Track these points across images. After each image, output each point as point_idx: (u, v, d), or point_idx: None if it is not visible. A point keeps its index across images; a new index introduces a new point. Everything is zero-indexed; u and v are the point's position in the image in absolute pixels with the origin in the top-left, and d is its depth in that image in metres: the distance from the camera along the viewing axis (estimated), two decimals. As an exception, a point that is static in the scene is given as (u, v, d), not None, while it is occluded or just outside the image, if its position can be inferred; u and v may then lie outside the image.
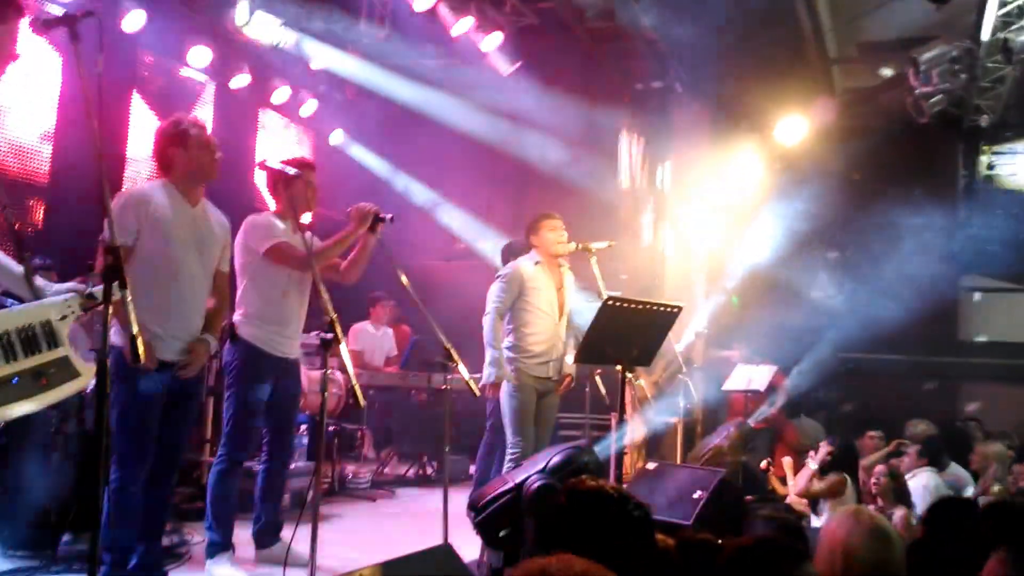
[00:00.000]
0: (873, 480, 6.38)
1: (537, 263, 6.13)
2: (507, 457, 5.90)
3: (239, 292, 5.06)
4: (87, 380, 2.89)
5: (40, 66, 7.27)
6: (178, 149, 4.41)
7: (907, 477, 6.75)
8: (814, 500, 7.03)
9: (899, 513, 5.76)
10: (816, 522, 6.61)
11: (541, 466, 4.41)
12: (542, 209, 6.50)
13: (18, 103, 7.19)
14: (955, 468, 7.34)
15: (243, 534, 5.19)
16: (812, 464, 7.13)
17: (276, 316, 5.04)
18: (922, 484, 6.67)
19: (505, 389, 6.01)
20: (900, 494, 6.09)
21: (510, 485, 4.35)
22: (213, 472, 5.01)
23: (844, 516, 2.95)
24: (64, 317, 2.91)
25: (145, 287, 4.11)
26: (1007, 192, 9.99)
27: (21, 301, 3.00)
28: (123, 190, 4.44)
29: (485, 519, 4.24)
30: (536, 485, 4.11)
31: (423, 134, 10.35)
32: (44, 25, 3.03)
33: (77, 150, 7.11)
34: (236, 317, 5.04)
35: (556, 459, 4.41)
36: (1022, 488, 6.70)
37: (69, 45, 2.94)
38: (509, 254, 6.80)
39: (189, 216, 4.41)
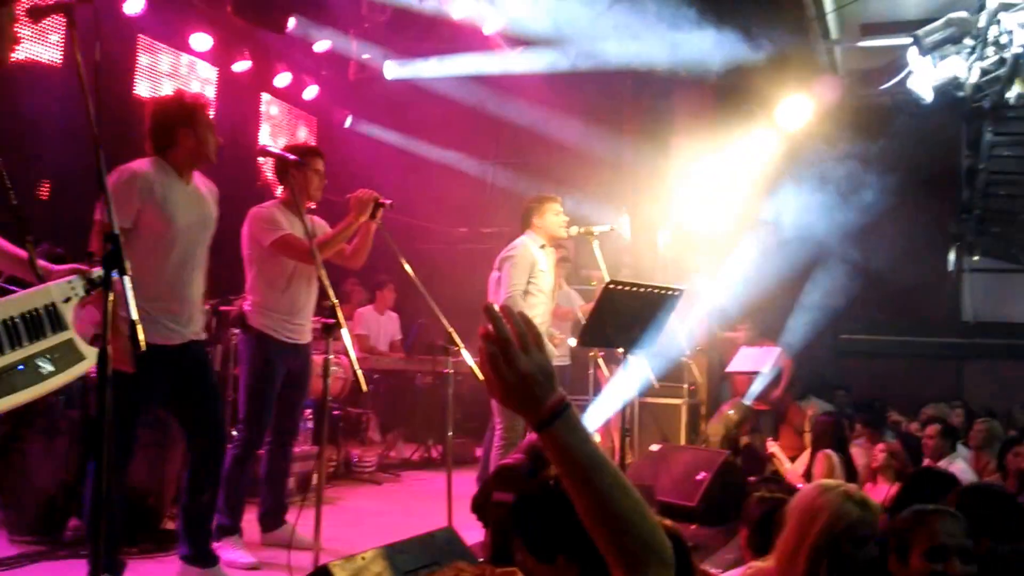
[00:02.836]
0: (872, 456, 6.40)
1: (542, 246, 6.09)
2: (496, 444, 5.86)
3: (248, 281, 5.09)
4: (92, 363, 2.88)
5: (41, 51, 7.27)
6: (185, 128, 4.27)
7: (942, 463, 6.74)
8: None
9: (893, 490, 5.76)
10: None
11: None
12: (545, 190, 6.49)
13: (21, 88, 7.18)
14: (962, 449, 7.35)
15: (248, 517, 5.22)
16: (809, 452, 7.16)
17: (285, 304, 5.06)
18: (960, 470, 6.65)
19: None
20: (900, 474, 6.10)
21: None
22: (229, 457, 5.03)
23: (812, 488, 2.96)
24: (68, 299, 2.90)
25: (147, 270, 4.07)
26: (1009, 173, 9.94)
27: (25, 287, 3.01)
28: (120, 167, 4.18)
29: (475, 502, 4.25)
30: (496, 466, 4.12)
31: (426, 115, 10.34)
32: (40, 12, 3.01)
33: (80, 137, 7.11)
34: (246, 306, 5.07)
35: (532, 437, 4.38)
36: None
37: (66, 31, 2.92)
38: None
39: (187, 194, 4.32)
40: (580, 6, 8.87)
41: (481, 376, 4.80)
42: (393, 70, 10.11)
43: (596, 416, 5.51)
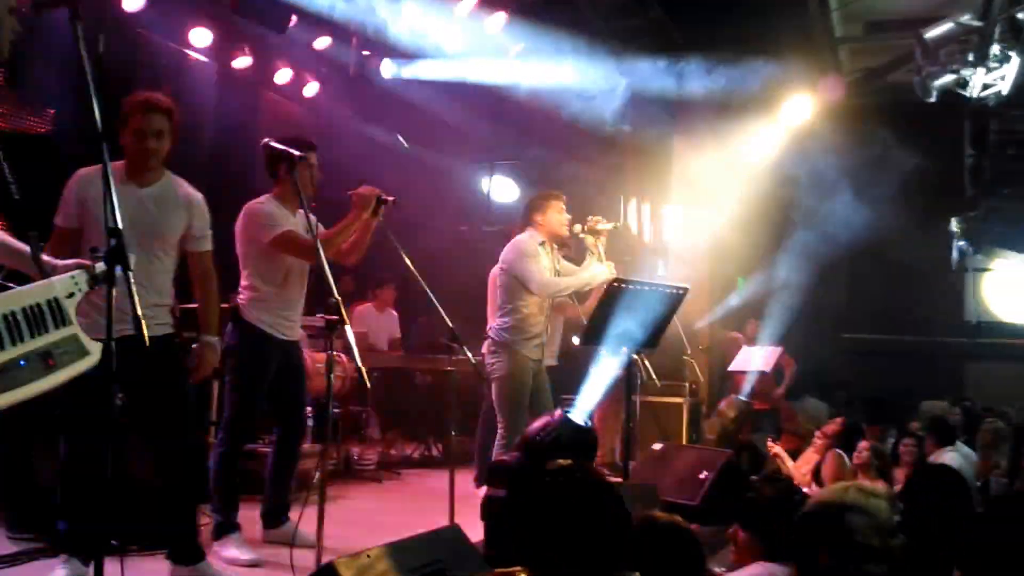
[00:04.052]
0: (856, 453, 6.37)
1: (541, 243, 6.07)
2: (497, 443, 5.86)
3: (242, 278, 5.06)
4: (97, 358, 2.85)
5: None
6: (122, 128, 4.22)
7: (930, 459, 6.72)
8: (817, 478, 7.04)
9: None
10: None
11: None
12: (545, 188, 6.47)
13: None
14: (962, 447, 7.34)
15: (250, 514, 5.20)
16: (813, 451, 7.12)
17: (280, 301, 5.04)
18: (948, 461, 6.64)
19: (500, 372, 5.96)
20: (883, 471, 6.04)
21: None
22: (215, 454, 5.01)
23: (828, 494, 2.92)
24: (71, 294, 2.88)
25: None
26: (1014, 171, 9.94)
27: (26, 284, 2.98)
28: (77, 171, 4.22)
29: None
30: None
31: (428, 112, 10.30)
32: (44, 5, 2.99)
33: (81, 131, 7.07)
34: (240, 300, 5.04)
35: (529, 434, 4.35)
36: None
37: (70, 24, 2.89)
38: None
39: (134, 199, 4.15)
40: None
41: (484, 374, 4.79)
42: (390, 69, 10.04)
43: (581, 407, 5.47)
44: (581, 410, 5.25)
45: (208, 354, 4.43)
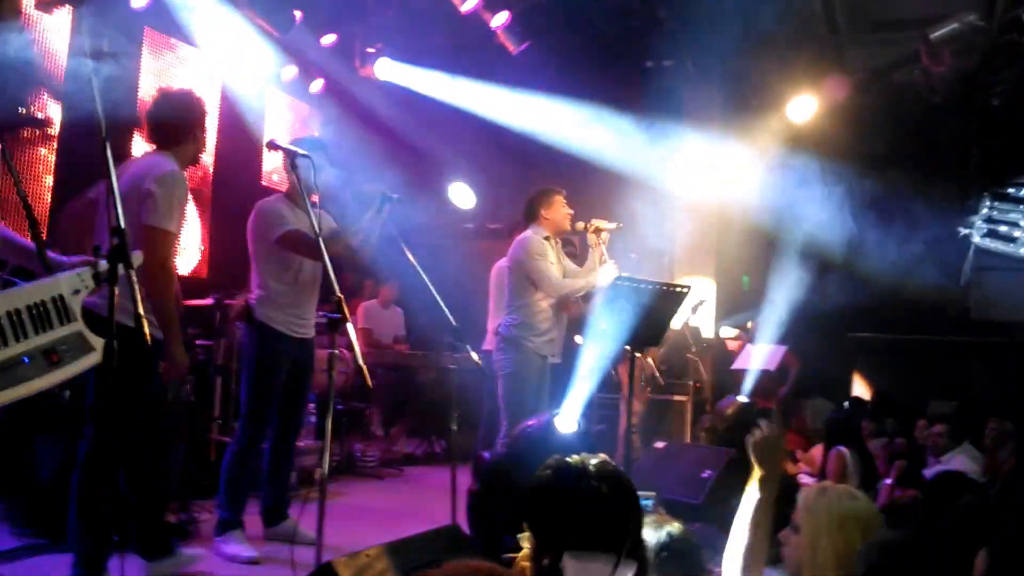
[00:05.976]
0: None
1: (546, 238, 6.07)
2: (499, 439, 5.87)
3: (253, 276, 5.08)
4: (100, 355, 2.85)
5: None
6: (200, 131, 4.36)
7: (943, 459, 6.71)
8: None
9: None
10: None
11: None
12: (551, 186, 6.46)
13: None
14: (967, 446, 7.32)
15: (251, 511, 5.21)
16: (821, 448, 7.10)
17: (292, 299, 5.06)
18: (960, 464, 6.63)
19: (509, 369, 5.96)
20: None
21: None
22: (230, 452, 5.03)
23: (811, 492, 2.95)
24: (77, 291, 2.89)
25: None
26: (1017, 171, 9.92)
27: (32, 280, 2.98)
28: (170, 170, 4.12)
29: None
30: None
31: (432, 111, 10.31)
32: (48, 4, 3.00)
33: (85, 130, 7.08)
34: (252, 299, 5.05)
35: (514, 433, 4.35)
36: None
37: (74, 23, 2.90)
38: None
39: None
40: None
41: (486, 372, 4.77)
42: (386, 71, 9.99)
43: (571, 407, 5.45)
44: (572, 411, 5.23)
45: None
